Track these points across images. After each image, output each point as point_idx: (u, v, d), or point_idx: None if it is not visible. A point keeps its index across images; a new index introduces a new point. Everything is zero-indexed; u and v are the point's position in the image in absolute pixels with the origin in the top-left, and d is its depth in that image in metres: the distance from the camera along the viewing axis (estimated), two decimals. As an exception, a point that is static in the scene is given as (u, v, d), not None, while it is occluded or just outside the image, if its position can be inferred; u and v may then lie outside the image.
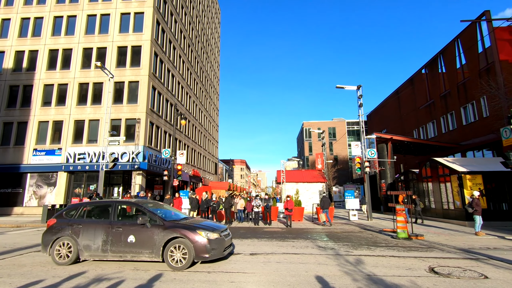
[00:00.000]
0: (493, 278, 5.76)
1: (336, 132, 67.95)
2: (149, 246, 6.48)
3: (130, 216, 7.31)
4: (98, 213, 7.30)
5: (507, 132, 13.05)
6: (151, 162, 23.47)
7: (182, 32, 33.46)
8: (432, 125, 28.25)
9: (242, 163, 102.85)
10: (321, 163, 31.22)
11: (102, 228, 6.77)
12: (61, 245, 6.78)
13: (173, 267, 6.26)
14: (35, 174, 23.47)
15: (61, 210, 7.57)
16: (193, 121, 36.99)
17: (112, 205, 7.20)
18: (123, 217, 7.23)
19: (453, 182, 16.02)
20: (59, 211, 7.90)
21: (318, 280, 5.59)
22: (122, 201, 7.63)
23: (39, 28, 25.97)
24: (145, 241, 6.51)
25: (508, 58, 19.53)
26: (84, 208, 7.34)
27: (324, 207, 15.68)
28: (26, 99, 24.67)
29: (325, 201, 15.67)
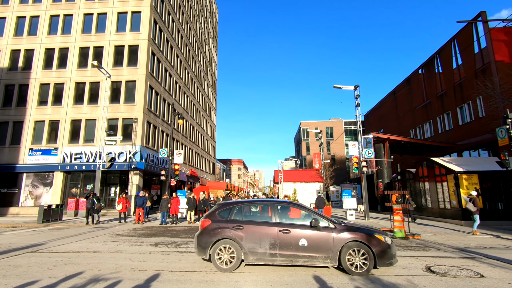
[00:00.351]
0: (489, 277, 5.81)
1: (333, 132, 68.13)
2: (324, 250, 5.98)
3: (292, 218, 6.66)
4: (256, 214, 6.87)
5: (502, 132, 13.17)
6: (148, 162, 23.39)
7: (180, 32, 33.37)
8: (429, 125, 28.42)
9: (239, 162, 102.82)
10: (319, 163, 31.30)
11: (267, 230, 6.22)
12: (221, 249, 6.21)
13: (353, 272, 5.83)
14: (31, 174, 23.30)
15: (212, 210, 6.94)
16: (190, 121, 36.91)
17: (270, 205, 6.76)
18: (285, 218, 6.57)
19: (450, 182, 16.13)
20: (210, 211, 6.96)
21: (316, 279, 5.60)
22: (280, 201, 7.15)
23: (35, 27, 25.78)
24: (320, 245, 6.01)
25: (503, 59, 19.69)
26: (238, 208, 6.79)
27: (318, 206, 16.07)
28: (21, 98, 24.48)
29: (320, 201, 16.13)
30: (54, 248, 9.04)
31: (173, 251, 8.40)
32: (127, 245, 9.41)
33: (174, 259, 7.35)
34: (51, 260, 7.25)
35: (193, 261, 7.16)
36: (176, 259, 7.35)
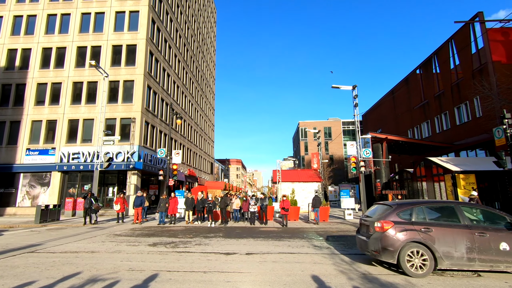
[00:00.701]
0: (486, 276, 5.85)
1: (331, 131, 68.25)
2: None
3: (482, 220, 6.39)
4: (438, 215, 6.46)
5: (499, 132, 13.24)
6: (147, 161, 23.34)
7: (178, 31, 33.30)
8: (427, 125, 28.53)
9: (238, 162, 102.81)
10: (317, 162, 31.35)
11: (460, 233, 5.91)
12: (412, 253, 5.89)
13: None
14: (28, 174, 23.19)
15: (390, 211, 6.48)
16: (188, 121, 36.85)
17: (454, 206, 6.46)
18: (476, 220, 6.31)
19: (447, 181, 16.21)
20: (388, 212, 6.52)
21: (314, 279, 5.61)
22: (464, 203, 6.92)
23: (32, 26, 25.64)
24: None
25: (500, 59, 19.80)
26: (419, 209, 6.44)
27: (315, 206, 16.25)
28: (19, 98, 24.35)
29: (317, 201, 16.30)
30: (52, 248, 9.00)
31: (172, 251, 8.39)
32: (125, 245, 9.39)
33: (172, 259, 7.35)
34: (48, 261, 7.22)
35: (192, 261, 7.16)
36: (174, 259, 7.35)
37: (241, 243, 9.88)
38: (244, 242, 10.08)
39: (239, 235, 11.69)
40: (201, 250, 8.56)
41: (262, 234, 12.15)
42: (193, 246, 9.31)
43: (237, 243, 9.78)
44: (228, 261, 7.12)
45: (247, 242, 9.98)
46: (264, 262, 7.01)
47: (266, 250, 8.63)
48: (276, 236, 11.41)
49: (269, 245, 9.39)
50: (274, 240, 10.39)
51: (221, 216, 16.25)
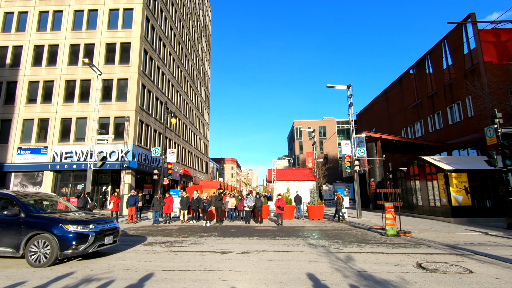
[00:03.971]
0: (478, 273, 5.95)
1: (326, 131, 68.57)
2: None
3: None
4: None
5: (491, 132, 13.47)
6: (141, 161, 23.16)
7: (172, 30, 33.07)
8: (420, 125, 28.86)
9: (233, 162, 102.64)
10: (312, 161, 31.48)
11: None
12: None
13: None
14: (20, 173, 22.82)
15: None
16: (183, 120, 36.66)
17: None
18: None
19: (440, 180, 16.43)
20: None
21: (310, 277, 5.64)
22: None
23: (23, 23, 25.20)
24: None
25: (492, 60, 20.12)
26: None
27: (295, 203, 18.07)
28: (10, 96, 23.93)
29: (297, 199, 18.08)
30: (45, 248, 8.86)
31: (167, 251, 8.35)
32: (119, 245, 9.31)
33: (167, 258, 7.31)
34: (41, 261, 7.11)
35: (187, 260, 7.14)
36: (169, 258, 7.31)
37: (237, 242, 9.88)
38: (239, 241, 10.08)
39: (234, 234, 11.69)
40: (197, 249, 8.53)
41: (258, 233, 12.17)
42: (188, 245, 9.28)
43: (233, 242, 9.77)
44: (224, 260, 7.11)
45: (243, 241, 9.98)
46: (259, 261, 7.02)
47: (262, 248, 8.64)
48: (271, 235, 11.44)
49: (264, 244, 9.41)
50: (269, 239, 10.41)
51: (216, 215, 16.22)
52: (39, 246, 6.50)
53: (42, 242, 6.52)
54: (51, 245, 6.47)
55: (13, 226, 6.68)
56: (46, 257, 6.45)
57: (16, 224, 6.69)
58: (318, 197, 19.12)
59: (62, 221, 6.74)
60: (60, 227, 6.64)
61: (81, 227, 6.83)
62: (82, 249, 6.70)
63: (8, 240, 6.60)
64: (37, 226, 6.63)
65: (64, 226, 6.66)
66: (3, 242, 6.62)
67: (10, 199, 7.16)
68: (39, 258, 6.45)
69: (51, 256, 6.45)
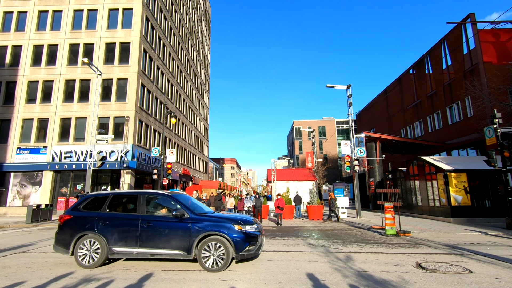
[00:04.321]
0: (477, 273, 5.95)
1: (326, 131, 68.59)
2: None
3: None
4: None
5: (490, 132, 13.48)
6: (140, 160, 23.14)
7: (172, 29, 33.05)
8: (419, 125, 28.88)
9: (232, 161, 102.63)
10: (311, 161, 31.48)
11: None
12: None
13: None
14: (19, 173, 22.79)
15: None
16: (183, 120, 36.65)
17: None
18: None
19: (439, 180, 16.44)
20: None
21: (309, 277, 5.64)
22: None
23: (22, 22, 25.17)
24: None
25: (491, 60, 20.13)
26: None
27: (295, 203, 18.15)
28: (9, 95, 23.90)
29: (297, 199, 18.20)
30: (44, 248, 8.87)
31: (166, 251, 8.32)
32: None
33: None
34: (40, 261, 7.11)
35: (187, 260, 7.12)
36: (169, 258, 7.29)
37: (236, 242, 9.85)
38: (239, 241, 10.05)
39: (234, 234, 11.66)
40: (196, 249, 8.51)
41: (257, 232, 12.15)
42: (188, 245, 9.25)
43: (232, 242, 9.75)
44: (223, 260, 7.09)
45: (242, 241, 9.95)
46: (259, 261, 7.01)
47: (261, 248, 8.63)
48: (271, 235, 11.43)
49: (264, 244, 9.40)
50: (269, 239, 10.40)
51: (216, 215, 16.18)
52: (211, 249, 6.02)
53: (214, 245, 6.03)
54: (225, 247, 5.98)
55: (181, 227, 6.20)
56: (222, 260, 5.97)
57: (183, 225, 6.21)
58: (318, 197, 19.13)
59: (232, 221, 6.30)
60: (231, 227, 6.17)
61: (249, 227, 6.34)
62: (254, 251, 6.24)
63: (178, 243, 6.12)
64: (206, 227, 6.15)
65: (235, 226, 6.20)
66: (173, 244, 6.14)
67: (168, 198, 6.77)
68: (214, 261, 5.98)
69: (227, 259, 5.97)
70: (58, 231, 6.62)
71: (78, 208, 6.82)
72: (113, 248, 6.25)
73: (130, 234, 6.27)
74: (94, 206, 6.79)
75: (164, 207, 6.75)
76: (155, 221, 6.33)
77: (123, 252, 6.24)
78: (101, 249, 6.26)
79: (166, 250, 6.14)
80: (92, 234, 6.36)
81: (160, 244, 6.16)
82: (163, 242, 6.16)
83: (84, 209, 6.79)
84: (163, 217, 6.43)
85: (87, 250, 6.31)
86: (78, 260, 6.30)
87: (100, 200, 6.84)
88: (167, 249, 6.14)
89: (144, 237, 6.22)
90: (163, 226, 6.26)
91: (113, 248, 6.25)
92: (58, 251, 6.50)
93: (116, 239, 6.28)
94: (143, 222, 6.31)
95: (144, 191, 6.96)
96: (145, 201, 6.67)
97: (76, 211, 6.75)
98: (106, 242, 6.26)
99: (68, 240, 6.39)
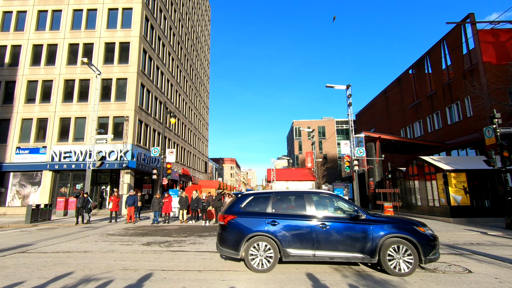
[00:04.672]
0: (477, 272, 5.95)
1: (325, 131, 68.60)
2: None
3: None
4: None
5: (489, 132, 13.50)
6: (140, 160, 23.13)
7: (172, 29, 33.04)
8: (419, 125, 28.90)
9: (232, 161, 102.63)
10: (311, 161, 31.50)
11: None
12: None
13: None
14: (18, 173, 22.76)
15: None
16: (182, 119, 36.63)
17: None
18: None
19: (439, 180, 16.45)
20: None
21: (309, 277, 5.64)
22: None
23: (22, 22, 25.14)
24: None
25: (491, 60, 20.15)
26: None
27: None
28: (8, 95, 23.87)
29: None
30: (43, 248, 8.86)
31: (166, 250, 8.34)
32: (118, 245, 9.30)
33: (166, 258, 7.30)
34: (40, 261, 7.11)
35: (186, 260, 7.13)
36: (169, 258, 7.30)
37: (236, 241, 9.85)
38: (238, 240, 10.05)
39: (233, 234, 11.66)
40: (196, 249, 8.52)
41: (257, 232, 12.14)
42: (187, 245, 9.26)
43: (232, 242, 9.75)
44: (223, 260, 7.10)
45: (242, 241, 9.95)
46: (259, 261, 7.00)
47: (261, 248, 8.62)
48: (270, 235, 11.41)
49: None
50: (268, 239, 10.39)
51: (215, 215, 16.20)
52: (398, 252, 5.68)
53: (399, 247, 5.69)
54: (412, 250, 5.64)
55: (360, 229, 5.86)
56: (409, 264, 5.63)
57: (362, 226, 5.87)
58: None
59: (414, 223, 5.95)
60: (415, 229, 5.79)
61: (427, 229, 5.95)
62: (438, 254, 5.82)
63: (358, 245, 5.79)
64: (388, 229, 5.80)
65: (418, 228, 5.83)
66: (354, 247, 5.81)
67: (334, 198, 6.50)
68: (398, 265, 5.64)
69: (415, 263, 5.61)
70: (223, 232, 6.24)
71: (240, 207, 6.42)
72: (288, 251, 5.91)
73: (305, 236, 5.92)
74: (256, 206, 6.42)
75: (335, 208, 6.42)
76: (331, 222, 5.99)
77: (299, 255, 5.91)
78: (274, 251, 5.92)
79: (346, 253, 5.83)
80: (263, 236, 5.99)
81: (339, 246, 5.84)
82: (343, 244, 5.84)
83: (246, 209, 6.39)
84: (339, 218, 6.07)
85: (258, 252, 5.96)
86: (250, 263, 5.95)
87: (262, 200, 6.49)
88: (347, 252, 5.82)
89: (321, 239, 5.88)
90: (341, 227, 5.91)
91: (288, 251, 5.91)
92: (224, 253, 6.19)
93: (290, 241, 5.93)
94: (318, 224, 5.98)
95: (309, 190, 6.69)
96: (312, 201, 6.33)
97: (239, 210, 6.37)
98: (280, 244, 5.91)
99: (237, 241, 6.02)
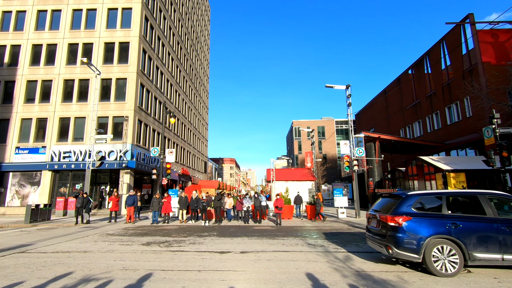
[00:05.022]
0: (476, 272, 5.97)
1: (325, 131, 68.63)
2: None
3: None
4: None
5: (489, 132, 13.53)
6: (140, 160, 23.12)
7: (171, 29, 33.02)
8: (418, 125, 28.94)
9: (231, 161, 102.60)
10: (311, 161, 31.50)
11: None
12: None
13: None
14: (18, 173, 22.74)
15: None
16: (182, 119, 36.61)
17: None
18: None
19: (438, 180, 16.48)
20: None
21: (308, 277, 5.65)
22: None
23: (21, 22, 25.10)
24: None
25: (490, 60, 20.19)
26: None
27: (296, 203, 18.33)
28: (8, 95, 23.84)
29: (298, 198, 18.42)
30: (43, 248, 8.86)
31: (165, 250, 8.34)
32: (118, 245, 9.30)
33: (166, 258, 7.30)
34: (39, 261, 7.11)
35: (186, 260, 7.13)
36: (168, 258, 7.31)
37: (236, 241, 9.88)
38: (238, 241, 10.08)
39: (233, 234, 11.69)
40: (196, 249, 8.53)
41: (256, 232, 12.17)
42: (187, 245, 9.27)
43: (232, 242, 9.77)
44: (223, 260, 7.11)
45: (242, 241, 9.98)
46: (258, 261, 7.02)
47: (261, 248, 8.64)
48: (270, 235, 11.44)
49: (263, 244, 9.41)
50: (268, 239, 10.41)
51: (215, 215, 16.21)
52: None
53: None
54: None
55: None
56: None
57: None
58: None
59: None
60: None
61: None
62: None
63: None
64: None
65: None
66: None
67: (506, 198, 6.23)
68: None
69: None
70: (398, 233, 5.91)
71: (410, 208, 6.12)
72: (474, 254, 5.65)
73: (491, 239, 5.68)
74: (428, 207, 6.18)
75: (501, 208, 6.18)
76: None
77: (486, 259, 5.67)
78: (458, 254, 5.68)
79: None
80: (445, 238, 5.75)
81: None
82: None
83: (417, 210, 6.11)
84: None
85: (441, 255, 5.73)
86: (433, 266, 5.69)
87: (433, 200, 6.26)
88: None
89: (508, 242, 5.65)
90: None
91: (474, 254, 5.65)
92: (400, 256, 5.92)
93: (475, 244, 5.69)
94: (503, 226, 5.72)
95: (483, 191, 6.39)
96: (490, 202, 6.07)
97: (411, 211, 6.07)
98: (464, 247, 5.67)
99: (416, 244, 5.76)
